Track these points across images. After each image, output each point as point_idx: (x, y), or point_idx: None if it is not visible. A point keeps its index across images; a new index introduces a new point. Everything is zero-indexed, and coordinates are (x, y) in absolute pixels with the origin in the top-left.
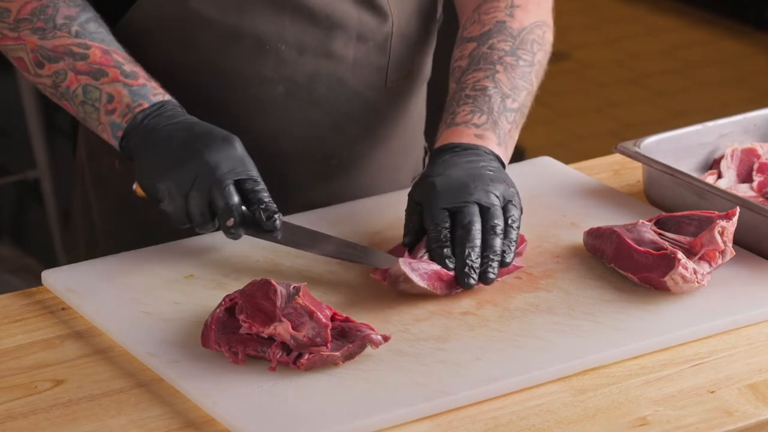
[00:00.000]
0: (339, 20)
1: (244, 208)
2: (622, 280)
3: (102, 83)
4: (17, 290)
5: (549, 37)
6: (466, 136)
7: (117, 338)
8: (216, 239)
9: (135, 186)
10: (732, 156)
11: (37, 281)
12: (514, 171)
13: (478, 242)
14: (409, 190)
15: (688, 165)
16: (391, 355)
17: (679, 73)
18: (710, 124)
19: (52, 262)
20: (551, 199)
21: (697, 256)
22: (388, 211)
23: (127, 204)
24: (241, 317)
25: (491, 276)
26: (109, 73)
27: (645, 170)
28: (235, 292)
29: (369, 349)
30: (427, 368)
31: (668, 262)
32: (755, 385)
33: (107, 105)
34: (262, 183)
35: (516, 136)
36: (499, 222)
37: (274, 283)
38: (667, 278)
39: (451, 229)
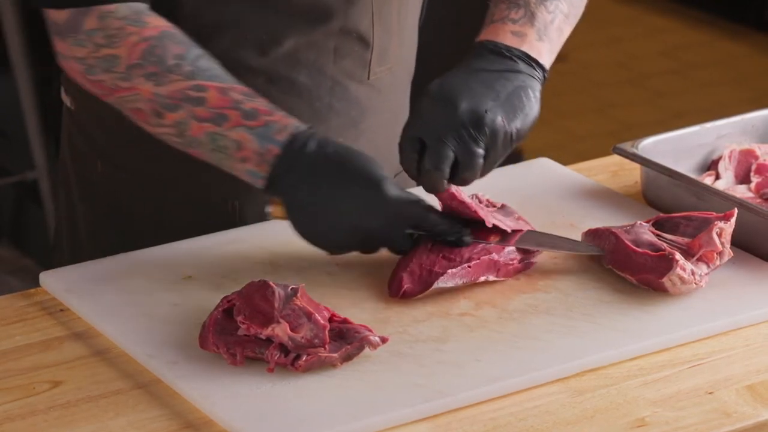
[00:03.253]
0: (322, 11)
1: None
2: (620, 282)
3: (226, 129)
4: (16, 291)
5: None
6: (503, 33)
7: (115, 339)
8: (214, 240)
9: (271, 210)
10: (730, 157)
11: (36, 282)
12: (511, 173)
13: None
14: (402, 178)
15: (686, 166)
16: (389, 357)
17: (678, 73)
18: (708, 125)
19: (51, 264)
20: (549, 200)
21: (695, 258)
22: None
23: (111, 206)
24: (239, 318)
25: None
26: (230, 117)
27: (643, 171)
28: (234, 293)
29: (367, 351)
30: (426, 369)
31: (666, 264)
32: (753, 386)
33: (237, 153)
34: (430, 215)
35: (564, 28)
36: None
37: (272, 284)
38: (665, 279)
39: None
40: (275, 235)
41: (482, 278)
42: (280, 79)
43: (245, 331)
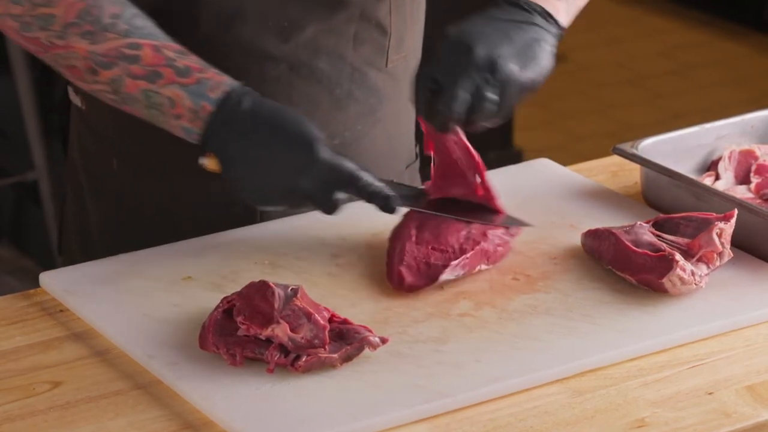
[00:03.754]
0: None
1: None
2: (620, 282)
3: (160, 86)
4: (15, 292)
5: None
6: None
7: (115, 340)
8: (214, 241)
9: (205, 161)
10: (730, 157)
11: (36, 283)
12: (511, 173)
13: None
14: (412, 169)
15: (685, 166)
16: (389, 357)
17: (678, 74)
18: (708, 125)
19: (51, 264)
20: (549, 200)
21: (695, 258)
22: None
23: (126, 204)
24: (239, 319)
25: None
26: (163, 74)
27: (643, 172)
28: (233, 293)
29: (367, 351)
30: (426, 370)
31: (666, 264)
32: (753, 387)
33: (171, 110)
34: (361, 173)
35: None
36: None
37: (272, 284)
38: (665, 280)
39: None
40: (275, 235)
41: (478, 268)
42: (301, 66)
43: (245, 332)
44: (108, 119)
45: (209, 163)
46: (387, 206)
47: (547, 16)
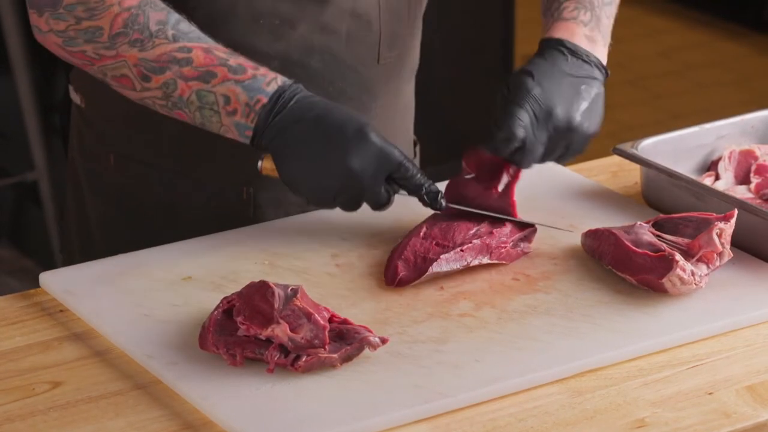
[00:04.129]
0: None
1: (399, 192)
2: (620, 282)
3: (213, 85)
4: (15, 292)
5: None
6: (578, 35)
7: (115, 340)
8: (214, 241)
9: (260, 166)
10: (730, 158)
11: (35, 283)
12: None
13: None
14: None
15: (685, 167)
16: (389, 357)
17: (678, 74)
18: (708, 125)
19: (51, 264)
20: (549, 200)
21: (695, 258)
22: (386, 213)
23: (125, 201)
24: (239, 319)
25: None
26: (217, 73)
27: (643, 172)
28: (233, 294)
29: (367, 351)
30: (426, 370)
31: (666, 264)
32: (753, 387)
33: (226, 107)
34: (411, 164)
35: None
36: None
37: (272, 284)
38: (664, 280)
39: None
40: (275, 236)
41: (476, 261)
42: (293, 65)
43: (245, 332)
44: (107, 117)
45: (265, 166)
46: (436, 201)
47: (602, 67)
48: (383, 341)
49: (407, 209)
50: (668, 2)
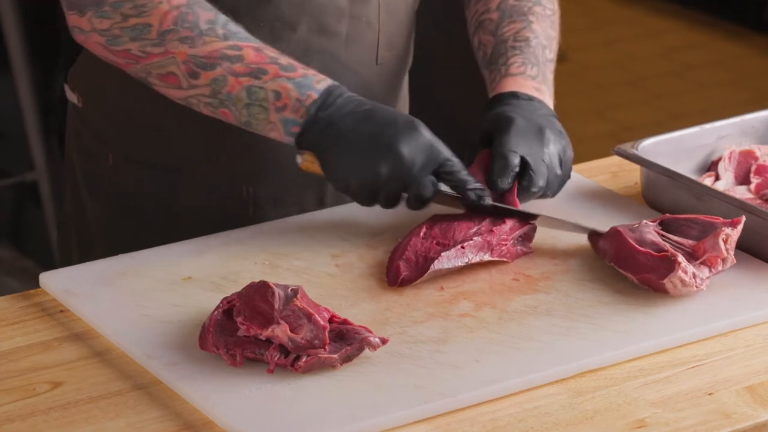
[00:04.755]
0: None
1: (442, 187)
2: (620, 282)
3: (265, 82)
4: (15, 292)
5: None
6: (526, 87)
7: (115, 340)
8: (214, 241)
9: (300, 160)
10: (730, 158)
11: (35, 283)
12: None
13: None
14: None
15: (686, 167)
16: (389, 358)
17: (677, 75)
18: (708, 126)
19: (50, 264)
20: (549, 201)
21: (699, 261)
22: (386, 213)
23: (123, 201)
24: (239, 319)
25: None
26: (268, 70)
27: (643, 172)
28: (233, 294)
29: (367, 352)
30: (426, 370)
31: (668, 265)
32: (753, 387)
33: (276, 102)
34: (457, 161)
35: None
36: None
37: (272, 285)
38: (666, 281)
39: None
40: (275, 236)
41: (477, 258)
42: None
43: (245, 332)
44: (105, 116)
45: (305, 160)
46: (480, 198)
47: (540, 100)
48: (383, 341)
49: (407, 210)
50: (668, 2)
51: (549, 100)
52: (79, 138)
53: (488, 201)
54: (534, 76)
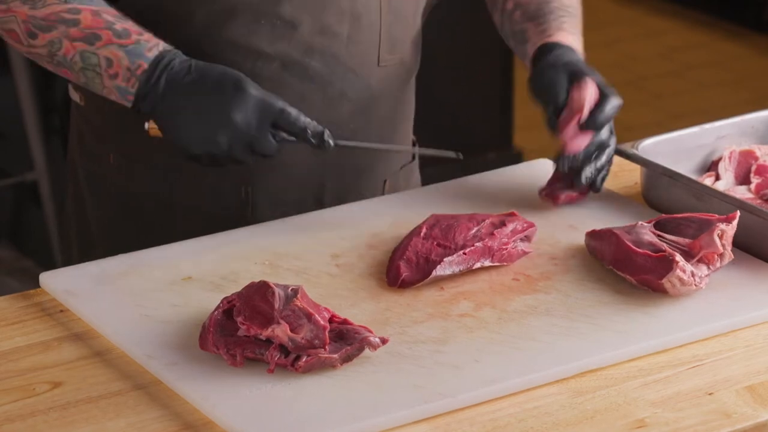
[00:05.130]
0: None
1: (286, 137)
2: (620, 283)
3: (98, 48)
4: (15, 292)
5: None
6: (576, 44)
7: (115, 340)
8: (214, 241)
9: (147, 127)
10: (730, 158)
11: (35, 283)
12: (512, 173)
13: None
14: (408, 170)
15: (685, 167)
16: (389, 358)
17: (677, 75)
18: (708, 126)
19: (51, 264)
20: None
21: (696, 259)
22: (386, 212)
23: (124, 199)
24: (239, 319)
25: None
26: (102, 36)
27: (643, 172)
28: (233, 294)
29: (367, 352)
30: (426, 370)
31: (666, 265)
32: (753, 387)
33: (108, 70)
34: (293, 110)
35: None
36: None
37: (272, 285)
38: (664, 280)
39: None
40: (275, 236)
41: (478, 264)
42: (293, 65)
43: (245, 332)
44: (106, 115)
45: (151, 127)
46: (323, 141)
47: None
48: (383, 341)
49: (407, 209)
50: (668, 2)
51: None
52: (82, 138)
53: (330, 143)
54: (577, 40)
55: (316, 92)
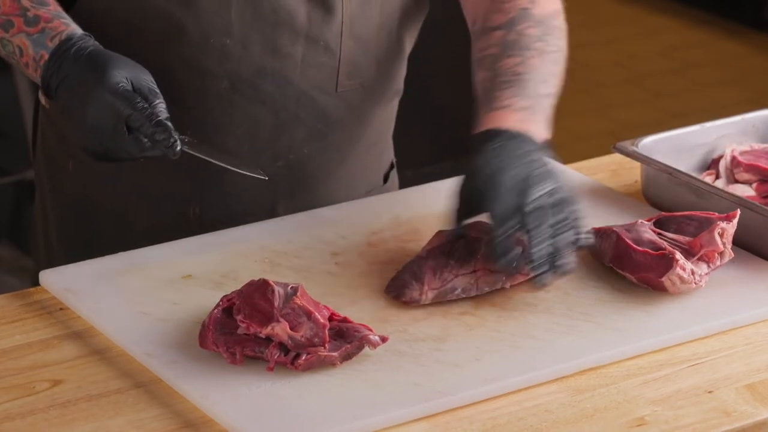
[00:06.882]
0: (285, 16)
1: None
2: (620, 281)
3: (11, 35)
4: (15, 291)
5: (565, 25)
6: (510, 121)
7: (115, 339)
8: (214, 240)
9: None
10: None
11: (35, 282)
12: None
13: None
14: (376, 194)
15: (685, 165)
16: (389, 356)
17: (678, 73)
18: (709, 124)
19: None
20: None
21: (696, 257)
22: (386, 211)
23: (79, 206)
24: (239, 317)
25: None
26: (15, 23)
27: (643, 170)
28: (233, 292)
29: (367, 350)
30: (425, 369)
31: (666, 263)
32: (753, 385)
33: (21, 59)
34: (139, 113)
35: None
36: (556, 219)
37: (272, 283)
38: (664, 279)
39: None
40: (275, 235)
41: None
42: (243, 86)
43: (245, 330)
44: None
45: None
46: (172, 151)
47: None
48: (383, 340)
49: (407, 208)
50: (668, 1)
51: (541, 132)
52: (45, 139)
53: (177, 150)
54: (523, 108)
55: (268, 114)
